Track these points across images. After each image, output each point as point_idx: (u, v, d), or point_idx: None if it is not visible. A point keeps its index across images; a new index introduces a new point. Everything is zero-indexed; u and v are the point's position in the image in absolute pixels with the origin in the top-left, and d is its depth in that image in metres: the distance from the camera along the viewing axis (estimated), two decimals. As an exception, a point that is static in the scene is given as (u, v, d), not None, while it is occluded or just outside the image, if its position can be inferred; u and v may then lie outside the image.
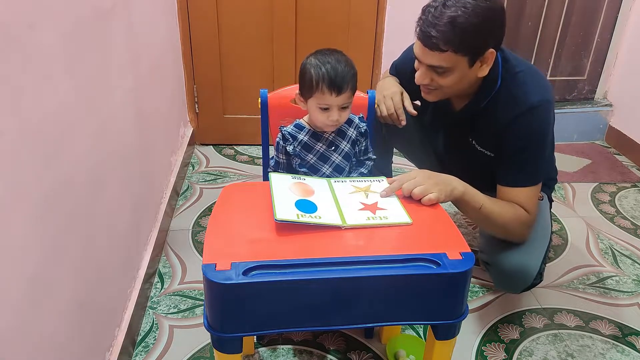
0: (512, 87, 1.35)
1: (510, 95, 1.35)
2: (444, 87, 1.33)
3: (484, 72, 1.31)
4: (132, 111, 1.58)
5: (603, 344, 1.54)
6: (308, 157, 1.31)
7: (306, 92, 1.24)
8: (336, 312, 0.95)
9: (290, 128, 1.32)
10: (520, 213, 1.36)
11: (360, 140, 1.34)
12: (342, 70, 1.20)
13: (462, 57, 1.25)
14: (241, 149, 2.63)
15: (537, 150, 1.36)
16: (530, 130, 1.34)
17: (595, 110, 2.79)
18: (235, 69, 2.48)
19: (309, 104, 1.26)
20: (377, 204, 1.12)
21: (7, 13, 0.83)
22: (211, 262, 0.91)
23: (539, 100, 1.32)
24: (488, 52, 1.26)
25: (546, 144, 1.38)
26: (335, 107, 1.22)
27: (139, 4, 1.67)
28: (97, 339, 1.25)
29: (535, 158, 1.36)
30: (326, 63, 1.21)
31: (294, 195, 1.11)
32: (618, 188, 2.38)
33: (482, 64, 1.29)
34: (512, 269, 1.38)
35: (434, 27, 1.21)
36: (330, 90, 1.20)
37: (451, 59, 1.25)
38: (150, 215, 1.79)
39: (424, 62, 1.29)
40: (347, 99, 1.23)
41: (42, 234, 0.96)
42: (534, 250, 1.41)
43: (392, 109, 1.50)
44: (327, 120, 1.24)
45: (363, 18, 2.42)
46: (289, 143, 1.30)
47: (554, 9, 2.59)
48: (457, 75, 1.29)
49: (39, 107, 0.95)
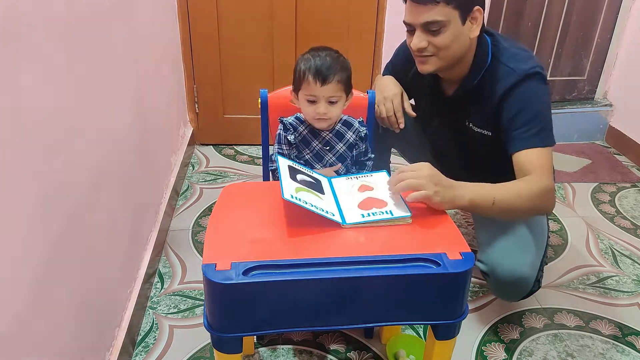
0: (503, 60, 1.37)
1: (502, 69, 1.37)
2: (440, 50, 1.33)
3: (475, 32, 1.33)
4: (132, 111, 1.58)
5: (603, 344, 1.54)
6: (305, 152, 1.32)
7: (296, 85, 1.26)
8: (336, 312, 0.95)
9: (292, 119, 1.33)
10: (536, 186, 1.28)
11: (359, 145, 1.35)
12: (330, 62, 1.22)
13: (453, 10, 1.28)
14: (241, 149, 2.63)
15: (538, 109, 1.34)
16: (528, 95, 1.34)
17: (595, 110, 2.79)
18: (235, 69, 2.48)
19: (299, 98, 1.28)
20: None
21: (7, 13, 0.83)
22: (211, 262, 0.91)
23: (532, 67, 1.34)
24: (475, 9, 1.30)
25: (546, 106, 1.36)
26: (322, 99, 1.23)
27: (139, 4, 1.67)
28: (97, 339, 1.25)
29: (538, 117, 1.33)
30: (316, 56, 1.23)
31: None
32: (618, 188, 2.38)
33: (472, 23, 1.32)
34: (510, 279, 1.36)
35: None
36: (315, 79, 1.21)
37: (444, 11, 1.27)
38: (150, 215, 1.79)
39: (418, 21, 1.30)
40: (335, 92, 1.23)
41: (42, 234, 0.96)
42: (530, 259, 1.38)
43: (392, 111, 1.50)
44: (314, 113, 1.24)
45: (363, 18, 2.41)
46: (290, 132, 1.31)
47: (554, 9, 2.59)
48: (451, 32, 1.30)
49: (39, 107, 0.95)
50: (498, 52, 1.39)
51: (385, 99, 1.52)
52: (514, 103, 1.34)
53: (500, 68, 1.37)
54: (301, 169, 1.17)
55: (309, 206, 1.02)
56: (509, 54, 1.38)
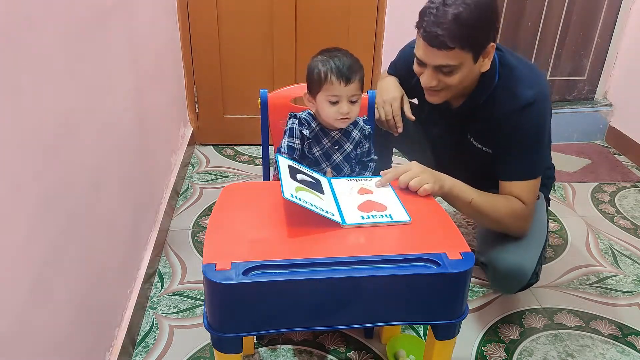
0: (509, 82, 1.37)
1: (507, 91, 1.36)
2: (451, 87, 1.33)
3: (486, 66, 1.32)
4: (132, 111, 1.58)
5: (603, 344, 1.53)
6: (315, 149, 1.31)
7: (315, 87, 1.25)
8: (336, 312, 0.95)
9: (305, 114, 1.33)
10: (516, 207, 1.37)
11: (363, 143, 1.35)
12: (349, 62, 1.23)
13: (467, 54, 1.26)
14: (241, 149, 2.63)
15: (533, 144, 1.37)
16: (527, 126, 1.35)
17: (595, 110, 2.79)
18: (235, 69, 2.48)
19: (318, 100, 1.26)
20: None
21: (7, 13, 0.83)
22: (211, 262, 0.91)
23: (535, 94, 1.34)
24: (489, 46, 1.28)
25: (543, 138, 1.39)
26: (344, 99, 1.23)
27: (139, 4, 1.67)
28: (97, 339, 1.25)
29: (532, 152, 1.37)
30: (334, 57, 1.24)
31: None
32: (618, 188, 2.38)
33: (484, 58, 1.30)
34: (508, 269, 1.39)
35: (439, 26, 1.22)
36: (339, 79, 1.21)
37: (457, 56, 1.25)
38: (150, 215, 1.79)
39: (431, 63, 1.29)
40: (356, 91, 1.24)
41: (42, 234, 0.96)
42: (529, 251, 1.42)
43: (391, 115, 1.49)
44: (337, 114, 1.25)
45: (363, 18, 2.41)
46: (304, 127, 1.30)
47: (554, 9, 2.59)
48: (463, 72, 1.29)
49: (39, 107, 0.95)
50: (505, 73, 1.38)
51: (384, 102, 1.51)
52: (511, 132, 1.36)
53: (505, 91, 1.36)
54: (301, 169, 1.17)
55: (309, 205, 1.02)
56: (516, 77, 1.37)
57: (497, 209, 1.35)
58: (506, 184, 1.39)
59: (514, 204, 1.37)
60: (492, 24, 1.28)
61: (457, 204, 1.33)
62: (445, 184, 1.25)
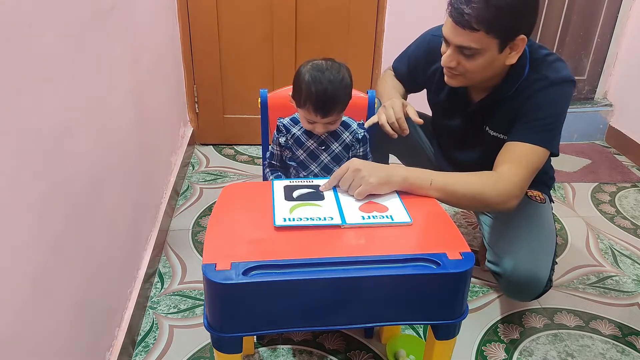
0: (541, 71, 1.32)
1: (537, 77, 1.32)
2: (469, 72, 1.29)
3: (512, 59, 1.28)
4: (132, 111, 1.58)
5: (603, 344, 1.53)
6: (298, 152, 1.32)
7: (296, 100, 1.26)
8: (336, 312, 0.95)
9: (287, 120, 1.34)
10: (495, 178, 1.27)
11: (355, 146, 1.34)
12: (332, 93, 1.19)
13: (493, 40, 1.21)
14: (241, 149, 2.63)
15: (553, 120, 1.32)
16: (553, 96, 1.31)
17: (595, 110, 2.79)
18: (235, 69, 2.48)
19: (298, 110, 1.29)
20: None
21: (7, 13, 0.83)
22: (211, 262, 0.91)
23: (564, 76, 1.31)
24: (519, 39, 1.23)
25: (561, 118, 1.34)
26: (320, 125, 1.25)
27: (139, 4, 1.67)
28: (97, 339, 1.25)
29: (551, 118, 1.32)
30: (318, 83, 1.19)
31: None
32: (618, 188, 2.38)
33: (511, 50, 1.26)
34: (523, 279, 1.34)
35: (468, 4, 1.18)
36: (316, 112, 1.22)
37: (482, 40, 1.21)
38: (150, 215, 1.79)
39: (454, 42, 1.25)
40: (334, 118, 1.25)
41: (42, 234, 0.96)
42: (542, 258, 1.37)
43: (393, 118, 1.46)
44: (313, 131, 1.28)
45: (363, 18, 2.41)
46: (281, 135, 1.32)
47: (554, 9, 2.59)
48: (485, 59, 1.25)
49: (39, 107, 0.95)
50: (536, 62, 1.34)
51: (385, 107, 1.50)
52: (535, 102, 1.31)
53: (536, 77, 1.33)
54: (299, 183, 1.19)
55: (303, 222, 1.03)
56: (548, 64, 1.33)
57: (470, 183, 1.24)
58: (509, 144, 1.31)
59: (492, 176, 1.28)
60: (525, 14, 1.22)
61: (421, 192, 1.19)
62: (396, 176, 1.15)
